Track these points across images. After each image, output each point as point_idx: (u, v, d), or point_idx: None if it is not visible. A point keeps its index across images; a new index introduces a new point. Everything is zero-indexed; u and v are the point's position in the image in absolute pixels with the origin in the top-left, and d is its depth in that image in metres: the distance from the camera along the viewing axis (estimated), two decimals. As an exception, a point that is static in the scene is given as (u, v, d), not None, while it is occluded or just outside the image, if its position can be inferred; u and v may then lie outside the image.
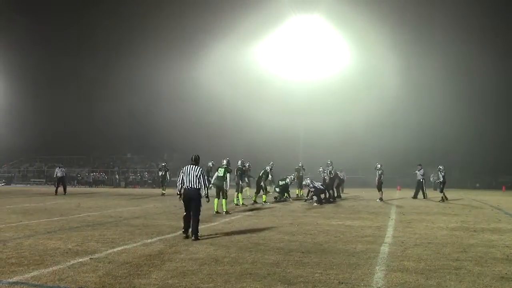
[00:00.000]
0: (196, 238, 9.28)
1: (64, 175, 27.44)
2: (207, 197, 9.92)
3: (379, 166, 21.52)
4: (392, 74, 45.29)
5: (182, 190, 9.69)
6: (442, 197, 21.03)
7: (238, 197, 18.19)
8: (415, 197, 22.72)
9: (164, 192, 26.14)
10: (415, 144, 44.28)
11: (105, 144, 56.27)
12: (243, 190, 19.50)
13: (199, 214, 9.56)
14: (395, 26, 44.43)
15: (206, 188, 9.85)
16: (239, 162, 19.15)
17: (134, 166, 52.68)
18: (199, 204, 9.59)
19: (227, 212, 14.92)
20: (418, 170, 22.91)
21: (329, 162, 22.11)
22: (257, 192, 19.67)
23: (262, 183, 19.59)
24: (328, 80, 46.12)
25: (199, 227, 9.57)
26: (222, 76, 49.70)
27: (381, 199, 21.13)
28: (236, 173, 18.43)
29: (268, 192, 21.29)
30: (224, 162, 15.79)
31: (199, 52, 48.78)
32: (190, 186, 9.57)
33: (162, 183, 27.17)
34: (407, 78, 46.57)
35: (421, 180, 22.81)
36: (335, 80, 45.55)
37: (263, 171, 19.95)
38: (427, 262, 7.17)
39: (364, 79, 47.42)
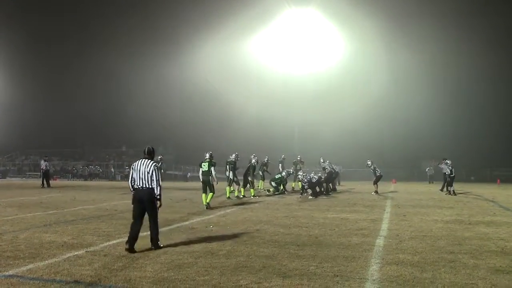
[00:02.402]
0: (157, 247, 7.72)
1: (48, 168, 27.80)
2: (159, 199, 7.87)
3: (369, 163, 21.50)
4: (387, 68, 45.33)
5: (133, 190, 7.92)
6: (450, 190, 21.09)
7: (240, 191, 18.64)
8: (442, 189, 23.09)
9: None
10: (411, 137, 44.44)
11: (100, 138, 56.22)
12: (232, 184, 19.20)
13: (157, 217, 7.90)
14: (389, 20, 44.48)
15: (159, 188, 7.80)
16: (237, 156, 19.32)
17: (130, 159, 52.53)
18: (154, 206, 7.84)
19: (208, 207, 14.09)
20: (445, 164, 23.15)
21: (321, 161, 22.21)
22: (244, 186, 19.51)
23: (249, 177, 19.29)
24: (323, 73, 46.11)
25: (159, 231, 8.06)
26: (217, 70, 49.63)
27: (376, 192, 21.19)
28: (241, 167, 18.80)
29: (258, 187, 21.35)
30: (207, 155, 14.77)
31: (195, 46, 48.73)
32: (142, 185, 7.73)
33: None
34: (404, 74, 46.64)
35: (447, 173, 23.04)
36: (330, 74, 45.56)
37: (249, 164, 19.62)
38: (422, 255, 7.20)
39: (360, 72, 47.46)
